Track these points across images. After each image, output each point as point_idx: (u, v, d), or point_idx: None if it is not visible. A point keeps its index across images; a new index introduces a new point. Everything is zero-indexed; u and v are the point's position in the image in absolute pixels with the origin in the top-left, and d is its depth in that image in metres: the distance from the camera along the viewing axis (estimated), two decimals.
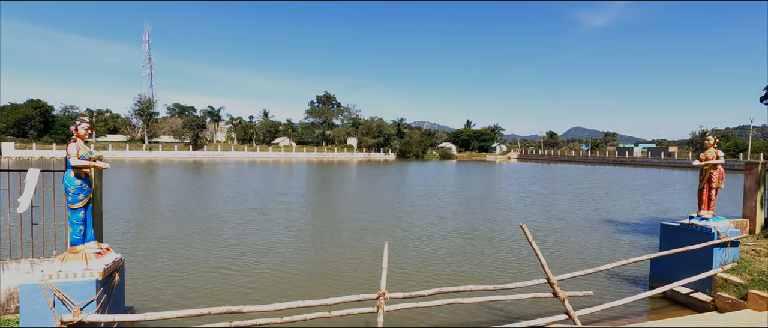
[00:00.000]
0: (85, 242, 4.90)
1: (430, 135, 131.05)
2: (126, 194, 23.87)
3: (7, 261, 5.26)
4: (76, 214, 4.81)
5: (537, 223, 16.38)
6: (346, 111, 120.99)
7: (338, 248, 11.89)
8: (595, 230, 15.11)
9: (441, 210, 19.36)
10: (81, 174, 4.81)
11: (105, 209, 15.41)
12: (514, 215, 18.39)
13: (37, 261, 5.34)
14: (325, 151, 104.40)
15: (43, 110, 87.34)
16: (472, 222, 16.31)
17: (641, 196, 26.93)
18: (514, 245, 12.46)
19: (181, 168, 51.79)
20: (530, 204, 22.14)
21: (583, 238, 13.68)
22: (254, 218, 16.35)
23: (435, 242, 12.83)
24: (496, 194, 27.30)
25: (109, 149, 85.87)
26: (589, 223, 16.48)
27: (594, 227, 15.68)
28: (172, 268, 9.59)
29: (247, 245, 11.97)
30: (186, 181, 34.23)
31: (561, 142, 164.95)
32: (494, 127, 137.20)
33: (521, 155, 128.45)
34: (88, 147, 4.95)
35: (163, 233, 13.42)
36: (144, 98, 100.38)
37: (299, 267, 9.89)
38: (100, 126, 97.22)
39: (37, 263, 5.34)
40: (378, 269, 9.84)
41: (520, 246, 12.34)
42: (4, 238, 6.85)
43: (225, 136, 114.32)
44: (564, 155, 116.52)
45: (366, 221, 16.34)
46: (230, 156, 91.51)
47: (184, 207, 19.16)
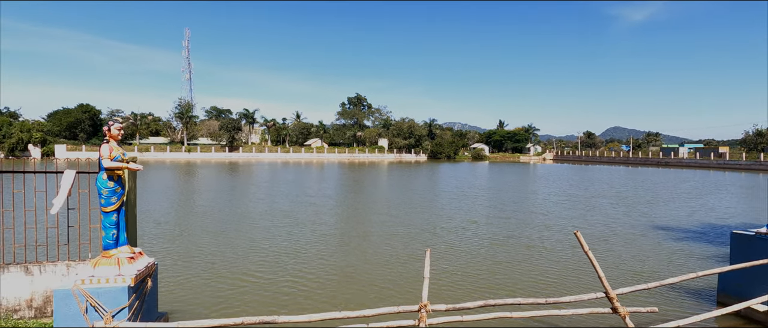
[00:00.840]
0: (118, 246, 4.76)
1: (461, 136, 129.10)
2: (162, 195, 24.55)
3: (44, 264, 5.21)
4: (109, 217, 4.67)
5: (579, 229, 15.45)
6: (377, 112, 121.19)
7: (370, 254, 11.54)
8: (645, 237, 14.05)
9: (475, 214, 18.68)
10: (114, 176, 4.68)
11: (139, 210, 15.62)
12: (554, 220, 17.47)
13: (73, 264, 5.28)
14: (356, 152, 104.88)
15: (92, 114, 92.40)
16: (509, 228, 15.58)
17: (694, 200, 25.12)
18: (559, 254, 11.70)
19: (217, 169, 53.25)
20: (570, 208, 21.05)
21: (632, 246, 12.71)
22: (284, 221, 16.29)
23: (471, 248, 12.25)
24: (533, 197, 26.24)
25: (152, 151, 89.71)
26: (637, 229, 15.38)
27: (644, 234, 14.59)
28: (204, 271, 9.51)
29: (278, 249, 11.82)
30: (221, 182, 35.03)
31: (599, 142, 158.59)
32: (528, 127, 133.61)
33: (557, 156, 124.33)
34: (121, 148, 4.82)
35: (195, 235, 13.50)
36: (183, 102, 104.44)
37: (330, 274, 9.60)
38: (143, 129, 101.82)
39: (73, 266, 5.27)
40: (413, 278, 9.44)
41: (565, 255, 11.58)
42: (41, 240, 6.94)
43: (259, 138, 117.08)
44: (603, 156, 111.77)
45: (397, 225, 15.94)
46: (264, 157, 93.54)
47: (217, 208, 19.43)
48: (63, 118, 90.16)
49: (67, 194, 4.97)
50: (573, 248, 12.27)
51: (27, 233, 5.10)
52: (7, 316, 5.07)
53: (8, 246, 6.19)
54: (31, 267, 5.16)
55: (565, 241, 13.27)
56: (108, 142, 4.67)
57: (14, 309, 5.13)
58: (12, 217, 5.05)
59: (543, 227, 15.71)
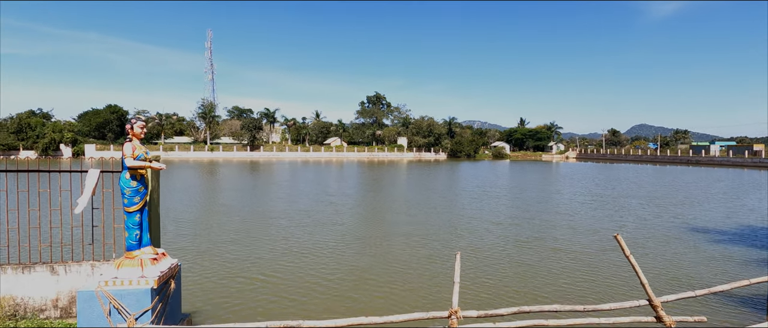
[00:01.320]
0: (141, 247, 4.66)
1: (481, 134, 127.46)
2: (185, 194, 24.92)
3: (69, 264, 5.18)
4: (132, 217, 4.58)
5: (609, 231, 14.86)
6: (396, 111, 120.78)
7: (391, 256, 11.31)
8: (680, 240, 13.37)
9: (498, 215, 18.22)
10: (137, 175, 4.58)
11: (162, 209, 15.71)
12: (581, 221, 16.87)
13: (97, 264, 5.23)
14: (375, 151, 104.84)
15: (120, 114, 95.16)
16: (534, 229, 15.11)
17: (731, 200, 23.95)
18: (588, 257, 11.22)
19: (239, 168, 54.00)
20: (597, 209, 20.34)
21: (667, 250, 12.09)
22: (305, 221, 16.23)
23: (496, 251, 11.88)
24: (557, 197, 25.51)
25: (176, 150, 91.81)
26: (672, 232, 14.68)
27: (679, 237, 13.90)
28: (224, 271, 9.45)
29: (298, 249, 11.71)
30: (242, 180, 35.42)
31: (624, 140, 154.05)
32: (550, 125, 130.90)
33: (580, 155, 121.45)
34: (145, 147, 4.72)
35: (216, 234, 13.54)
36: (206, 102, 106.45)
37: (351, 276, 9.42)
38: (168, 129, 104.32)
39: (97, 266, 5.22)
40: (436, 281, 9.13)
41: (595, 258, 11.10)
42: (66, 239, 7.00)
43: (279, 137, 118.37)
44: (628, 154, 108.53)
45: (418, 226, 15.67)
46: (285, 156, 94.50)
47: (238, 207, 19.55)
48: (92, 119, 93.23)
49: (91, 193, 4.90)
50: (603, 251, 11.77)
51: (52, 233, 5.09)
52: (34, 316, 5.07)
53: (34, 245, 6.25)
54: (57, 267, 5.13)
55: (593, 243, 12.75)
56: (131, 140, 4.58)
57: (40, 309, 5.12)
58: (37, 216, 5.03)
59: (569, 228, 15.17)
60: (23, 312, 5.05)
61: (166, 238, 12.31)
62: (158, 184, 5.40)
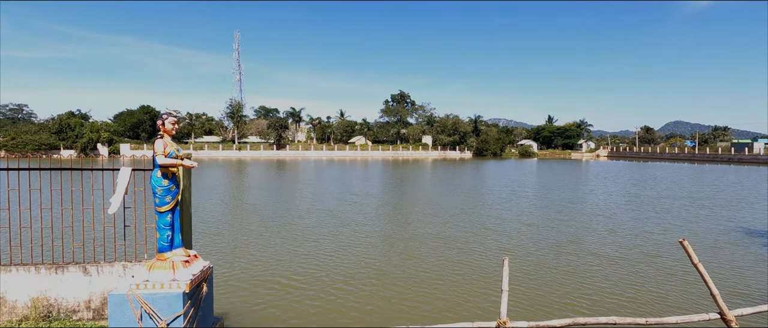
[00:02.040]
0: (173, 249, 4.47)
1: (508, 132, 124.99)
2: (213, 192, 25.23)
3: (102, 264, 5.05)
4: (164, 217, 4.39)
5: (654, 235, 14.01)
6: (421, 109, 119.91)
7: (421, 258, 10.90)
8: (737, 246, 12.38)
9: (530, 216, 17.50)
10: (168, 174, 4.38)
11: (192, 208, 15.64)
12: (621, 223, 15.98)
13: (129, 265, 5.08)
14: (400, 149, 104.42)
15: (152, 115, 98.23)
16: (570, 232, 14.38)
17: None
18: (633, 263, 10.50)
19: (266, 166, 54.70)
20: (636, 210, 19.29)
21: (723, 257, 11.19)
22: (331, 221, 16.01)
23: (532, 255, 11.29)
24: (591, 197, 24.45)
25: (205, 149, 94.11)
26: (725, 236, 13.66)
27: (734, 242, 12.89)
28: (256, 274, 9.17)
29: (327, 251, 11.44)
30: (270, 179, 35.73)
31: (658, 138, 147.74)
32: (580, 122, 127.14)
33: (612, 153, 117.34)
34: (176, 144, 4.52)
35: (245, 234, 13.40)
36: (234, 102, 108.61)
37: (383, 280, 9.06)
38: (198, 128, 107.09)
39: (129, 267, 5.07)
40: (472, 286, 8.63)
41: (641, 264, 10.38)
42: (98, 239, 6.95)
43: (305, 136, 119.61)
44: (664, 153, 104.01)
45: (446, 227, 15.20)
46: (310, 155, 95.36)
47: (265, 206, 19.57)
48: (127, 119, 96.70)
49: (123, 192, 4.75)
50: (651, 256, 11.02)
51: (85, 232, 4.97)
52: (67, 317, 4.97)
53: (67, 244, 6.21)
54: (89, 267, 5.02)
55: (638, 248, 11.98)
56: (162, 137, 4.39)
57: (73, 310, 5.02)
58: (71, 215, 4.92)
59: (609, 231, 14.36)
60: (56, 313, 4.97)
61: (196, 238, 12.29)
62: (190, 182, 5.22)
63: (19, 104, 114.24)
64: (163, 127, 4.43)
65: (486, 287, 8.55)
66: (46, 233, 6.47)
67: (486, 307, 7.52)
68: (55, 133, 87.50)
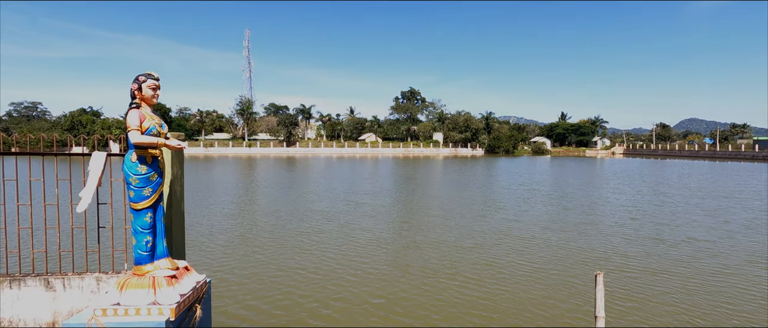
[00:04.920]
0: (154, 260, 3.32)
1: (520, 129, 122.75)
2: (217, 189, 24.26)
3: (69, 276, 3.94)
4: (141, 217, 3.24)
5: (717, 241, 12.60)
6: (431, 106, 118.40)
7: (454, 272, 9.68)
8: None
9: (560, 221, 16.08)
10: (147, 157, 3.24)
11: (190, 206, 14.32)
12: (669, 229, 14.46)
13: (105, 277, 3.96)
14: (410, 146, 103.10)
15: (163, 112, 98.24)
16: (611, 237, 13.02)
17: None
18: (718, 274, 9.13)
19: (275, 163, 53.82)
20: (682, 212, 17.79)
21: None
22: (341, 224, 14.85)
23: (569, 266, 10.01)
24: (618, 196, 22.96)
25: (216, 146, 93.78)
26: None
27: None
28: (264, 287, 7.65)
29: (343, 260, 10.20)
30: (279, 176, 34.78)
31: (674, 135, 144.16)
32: (595, 119, 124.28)
33: (628, 150, 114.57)
34: (158, 117, 3.37)
35: (251, 239, 11.83)
36: (244, 99, 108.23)
37: (406, 297, 7.88)
38: (208, 125, 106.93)
39: (105, 280, 3.95)
40: (546, 307, 7.09)
41: (733, 276, 9.03)
42: (66, 244, 5.80)
43: (315, 133, 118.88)
44: (682, 150, 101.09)
45: (465, 230, 13.97)
46: (320, 152, 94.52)
47: (276, 208, 18.50)
48: None
49: (96, 183, 3.62)
50: (732, 265, 9.65)
51: (48, 236, 3.89)
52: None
53: (25, 252, 5.11)
54: (53, 280, 3.91)
55: (702, 253, 10.61)
56: (138, 107, 3.24)
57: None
58: (29, 213, 3.82)
59: (655, 240, 12.95)
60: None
61: (190, 244, 9.98)
62: (182, 171, 4.07)
63: (33, 102, 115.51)
64: (139, 92, 3.27)
65: (566, 307, 7.29)
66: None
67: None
68: (67, 130, 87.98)
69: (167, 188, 3.75)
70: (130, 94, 3.26)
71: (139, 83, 3.26)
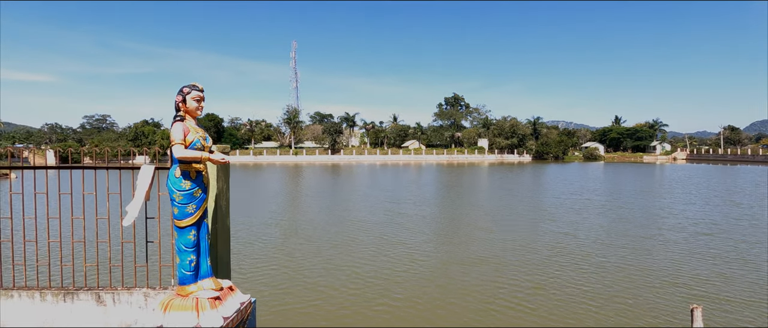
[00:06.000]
0: (198, 280, 3.17)
1: (570, 135, 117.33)
2: (262, 199, 24.78)
3: (119, 290, 3.91)
4: (185, 235, 3.11)
5: None
6: (476, 112, 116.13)
7: (488, 293, 9.08)
8: None
9: (615, 235, 14.89)
10: (191, 173, 3.10)
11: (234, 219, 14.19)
12: (750, 247, 12.94)
13: (152, 293, 3.90)
14: (455, 153, 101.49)
15: (216, 122, 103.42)
16: (676, 258, 11.81)
17: None
18: None
19: (321, 170, 54.77)
20: (764, 226, 15.95)
21: None
22: (396, 238, 14.54)
23: (643, 293, 9.07)
24: (684, 207, 21.01)
25: (264, 154, 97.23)
26: None
27: None
28: (312, 309, 7.53)
29: (383, 274, 9.92)
30: (322, 184, 35.18)
31: (745, 138, 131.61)
32: (653, 122, 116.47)
33: (691, 155, 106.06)
34: (203, 130, 3.24)
35: (298, 257, 11.32)
36: (290, 108, 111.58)
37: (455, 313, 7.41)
38: (257, 134, 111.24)
39: (152, 296, 3.88)
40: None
41: None
42: (115, 258, 5.89)
43: (359, 140, 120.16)
44: (756, 155, 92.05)
45: (517, 246, 13.20)
46: (364, 159, 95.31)
47: (322, 220, 18.54)
48: None
49: (144, 197, 3.56)
50: None
51: (99, 248, 3.95)
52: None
53: (78, 265, 5.24)
54: (104, 295, 3.90)
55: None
56: (182, 119, 3.13)
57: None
58: (82, 226, 3.83)
59: (741, 261, 11.58)
60: None
61: (235, 262, 9.59)
62: (227, 185, 3.94)
63: (103, 115, 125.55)
64: (184, 104, 3.16)
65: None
66: (53, 249, 5.63)
67: None
68: (131, 140, 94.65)
69: (212, 203, 3.63)
70: (175, 107, 3.16)
71: (184, 95, 3.15)
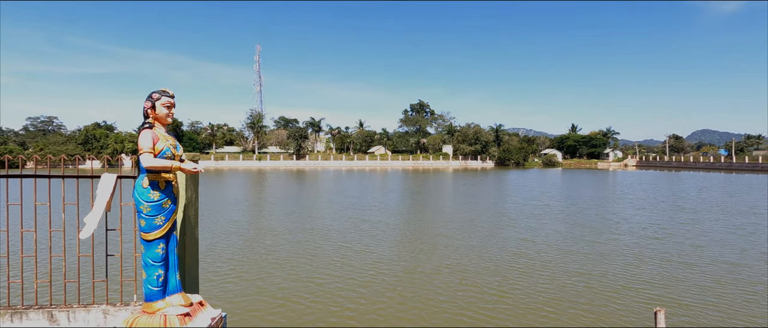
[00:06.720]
0: (166, 296, 3.01)
1: (530, 141, 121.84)
2: (226, 207, 24.07)
3: (74, 307, 3.64)
4: (152, 248, 2.94)
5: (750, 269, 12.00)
6: (440, 119, 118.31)
7: (449, 300, 9.24)
8: None
9: (573, 240, 15.55)
10: (160, 183, 2.95)
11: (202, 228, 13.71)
12: (697, 251, 13.88)
13: (113, 310, 3.66)
14: (420, 159, 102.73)
15: (175, 126, 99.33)
16: (629, 262, 12.48)
17: None
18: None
19: (285, 176, 53.80)
20: (709, 231, 17.12)
21: None
22: (358, 246, 14.48)
23: (602, 298, 9.49)
24: (635, 212, 22.27)
25: (226, 159, 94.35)
26: None
27: None
28: (278, 316, 7.36)
29: (341, 285, 9.86)
30: (286, 191, 34.60)
31: (687, 146, 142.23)
32: (606, 131, 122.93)
33: (641, 162, 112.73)
34: (173, 138, 3.10)
35: (266, 266, 10.85)
36: (254, 113, 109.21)
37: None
38: (219, 139, 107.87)
39: (112, 313, 3.64)
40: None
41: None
42: (72, 272, 5.50)
43: (324, 145, 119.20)
44: (697, 162, 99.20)
45: (479, 253, 13.49)
46: (329, 164, 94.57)
47: (290, 227, 18.21)
48: None
49: (104, 208, 3.34)
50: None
51: (52, 263, 3.66)
52: None
53: (28, 282, 4.81)
54: (57, 313, 3.62)
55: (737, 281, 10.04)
56: (151, 127, 2.97)
57: None
58: (33, 239, 3.55)
59: (684, 265, 12.39)
60: None
61: (204, 275, 8.85)
62: (197, 195, 3.78)
63: (49, 117, 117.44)
64: (153, 111, 3.00)
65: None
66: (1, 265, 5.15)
67: None
68: (81, 144, 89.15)
69: (181, 214, 3.46)
70: (143, 113, 2.99)
71: (153, 101, 2.99)
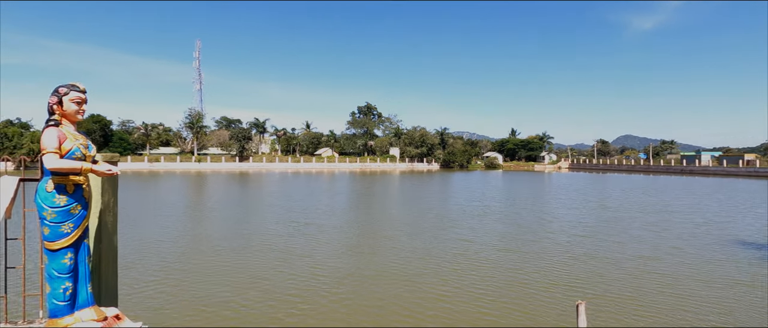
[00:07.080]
0: (76, 310, 2.72)
1: (473, 145, 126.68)
2: (154, 212, 22.69)
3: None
4: (58, 259, 2.64)
5: (661, 262, 13.21)
6: (388, 121, 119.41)
7: (392, 305, 9.39)
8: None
9: (511, 239, 16.38)
10: (68, 186, 2.66)
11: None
12: (620, 246, 15.10)
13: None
14: (367, 161, 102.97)
15: (103, 125, 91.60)
16: (563, 260, 13.34)
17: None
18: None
19: (227, 179, 51.53)
20: (629, 228, 18.68)
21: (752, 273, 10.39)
22: (302, 251, 14.23)
23: (538, 293, 10.04)
24: (567, 212, 23.88)
25: (162, 161, 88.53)
26: (732, 247, 13.06)
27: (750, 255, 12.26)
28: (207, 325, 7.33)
29: (280, 294, 9.69)
30: (227, 194, 33.21)
31: (612, 150, 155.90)
32: (542, 135, 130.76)
33: (572, 165, 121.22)
34: (84, 137, 2.82)
35: (195, 275, 10.55)
36: (194, 112, 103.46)
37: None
38: (154, 139, 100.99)
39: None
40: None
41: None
42: None
43: (269, 147, 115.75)
44: (621, 164, 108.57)
45: (423, 255, 13.80)
46: (275, 167, 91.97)
47: (226, 235, 17.46)
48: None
49: (4, 214, 2.96)
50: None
51: None
52: None
53: None
54: None
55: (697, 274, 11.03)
56: (56, 124, 2.67)
57: None
58: None
59: (645, 258, 13.43)
60: None
61: (123, 284, 7.99)
62: (115, 199, 3.47)
63: None
64: (60, 107, 2.70)
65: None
66: None
67: None
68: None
69: (96, 220, 3.16)
70: (48, 110, 2.68)
71: (60, 96, 2.69)
